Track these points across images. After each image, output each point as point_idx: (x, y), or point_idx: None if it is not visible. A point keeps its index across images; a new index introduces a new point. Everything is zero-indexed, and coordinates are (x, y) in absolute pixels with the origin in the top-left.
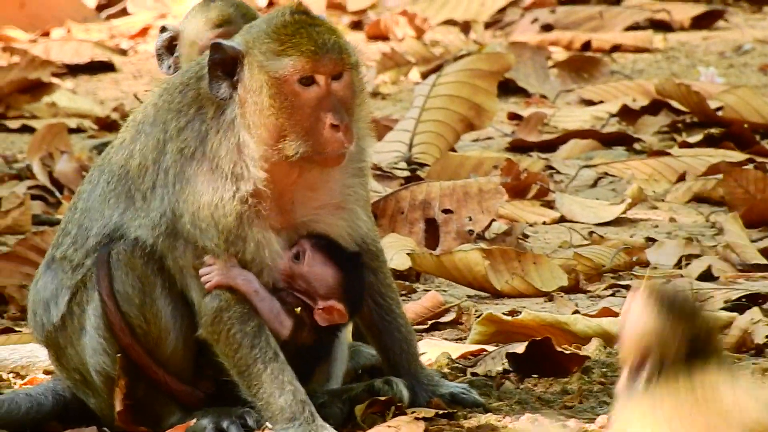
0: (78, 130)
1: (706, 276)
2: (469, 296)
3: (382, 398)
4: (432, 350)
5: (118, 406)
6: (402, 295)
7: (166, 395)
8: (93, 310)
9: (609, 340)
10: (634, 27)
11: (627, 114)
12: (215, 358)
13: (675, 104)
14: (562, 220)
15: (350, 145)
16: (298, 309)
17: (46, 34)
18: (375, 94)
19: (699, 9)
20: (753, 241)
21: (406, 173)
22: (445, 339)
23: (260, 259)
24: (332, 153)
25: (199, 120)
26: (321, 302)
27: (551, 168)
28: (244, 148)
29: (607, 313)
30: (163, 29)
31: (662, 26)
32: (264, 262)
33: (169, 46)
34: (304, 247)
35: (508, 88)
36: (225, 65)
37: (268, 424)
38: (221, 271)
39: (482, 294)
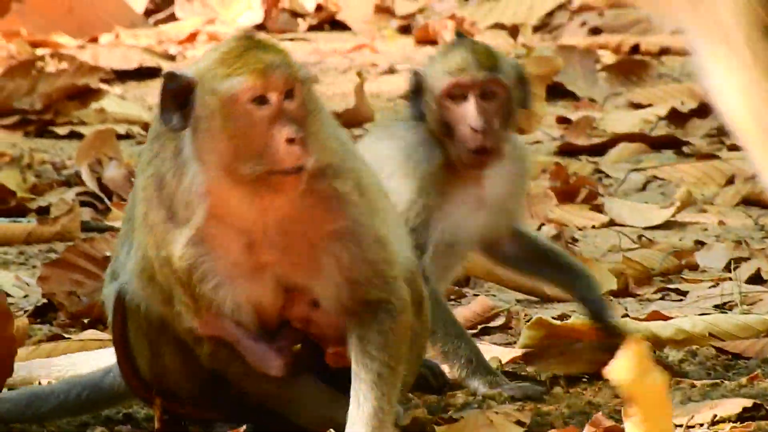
0: (127, 136)
1: (755, 279)
2: (518, 300)
3: None
4: None
5: (156, 424)
6: (451, 300)
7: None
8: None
9: (658, 343)
10: (683, 30)
11: (676, 117)
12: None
13: None
14: (611, 223)
15: (307, 160)
16: (298, 346)
17: (95, 39)
18: None
19: None
20: None
21: None
22: (495, 344)
23: (228, 309)
24: (289, 168)
25: (159, 159)
26: (332, 348)
27: (600, 172)
28: (194, 184)
29: (656, 316)
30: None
31: None
32: (231, 311)
33: (417, 90)
34: None
35: (556, 92)
36: (178, 96)
37: None
38: (200, 321)
39: (532, 298)
